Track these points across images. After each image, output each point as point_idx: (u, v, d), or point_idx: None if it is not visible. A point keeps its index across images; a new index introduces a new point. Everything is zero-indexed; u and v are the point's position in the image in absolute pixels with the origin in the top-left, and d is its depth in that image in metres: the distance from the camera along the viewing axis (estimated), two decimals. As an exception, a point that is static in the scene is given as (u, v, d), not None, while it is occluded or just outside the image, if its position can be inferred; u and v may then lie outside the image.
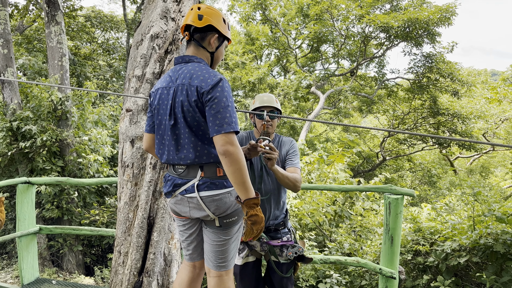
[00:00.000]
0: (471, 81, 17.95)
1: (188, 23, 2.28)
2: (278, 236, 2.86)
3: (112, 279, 3.19)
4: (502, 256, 4.08)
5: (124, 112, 3.37)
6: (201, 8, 2.29)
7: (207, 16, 2.27)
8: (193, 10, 2.29)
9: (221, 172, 2.20)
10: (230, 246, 2.38)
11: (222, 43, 2.38)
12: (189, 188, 2.23)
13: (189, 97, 2.13)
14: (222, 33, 2.34)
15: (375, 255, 5.18)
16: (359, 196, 7.02)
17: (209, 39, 2.31)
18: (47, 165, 7.23)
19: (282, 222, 2.89)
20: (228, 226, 2.30)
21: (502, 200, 5.72)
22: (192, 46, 2.33)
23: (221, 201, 2.22)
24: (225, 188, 2.21)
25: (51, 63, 8.00)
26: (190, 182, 2.22)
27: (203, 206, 2.22)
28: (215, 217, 2.26)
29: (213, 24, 2.28)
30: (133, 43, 3.59)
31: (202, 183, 2.20)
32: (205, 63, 2.29)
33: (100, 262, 7.78)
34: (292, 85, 18.88)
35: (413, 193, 3.46)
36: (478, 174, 22.59)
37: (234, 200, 2.24)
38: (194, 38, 2.31)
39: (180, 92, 2.17)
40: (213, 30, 2.31)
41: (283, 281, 2.89)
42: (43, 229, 4.65)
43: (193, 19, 2.26)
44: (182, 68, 2.26)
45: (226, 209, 2.24)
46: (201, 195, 2.20)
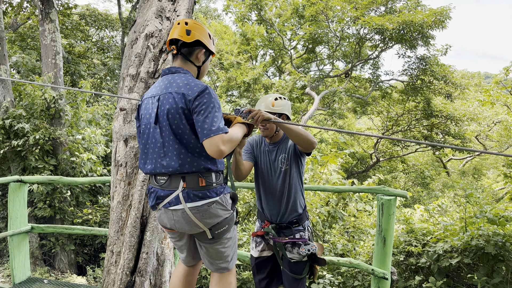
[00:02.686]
0: (465, 83, 18.09)
1: (176, 38, 2.32)
2: (290, 233, 2.86)
3: (104, 279, 3.18)
4: (493, 258, 4.11)
5: (118, 111, 3.36)
6: (189, 23, 2.34)
7: (194, 32, 2.32)
8: (180, 24, 2.34)
9: (203, 182, 2.19)
10: (226, 251, 2.38)
11: (208, 58, 2.44)
12: (172, 201, 2.21)
13: (176, 105, 2.16)
14: (208, 48, 2.40)
15: (367, 256, 5.21)
16: (352, 197, 7.04)
17: (196, 54, 2.37)
18: (40, 164, 7.18)
19: (296, 220, 2.87)
20: (220, 236, 2.30)
21: (493, 202, 5.77)
22: (179, 59, 2.37)
23: (206, 212, 2.21)
24: (208, 198, 2.20)
25: (45, 61, 7.95)
26: (173, 194, 2.21)
27: (192, 218, 2.20)
28: (206, 229, 2.26)
29: (201, 39, 2.34)
30: (127, 42, 3.58)
31: (186, 194, 2.19)
32: (191, 75, 2.33)
33: (93, 262, 7.74)
34: (287, 86, 18.90)
35: (406, 194, 3.48)
36: (470, 176, 22.75)
37: (220, 209, 2.24)
38: (182, 52, 2.35)
39: (166, 101, 2.20)
40: (200, 45, 2.36)
41: (293, 281, 2.86)
42: (35, 228, 4.62)
43: (181, 33, 2.31)
44: (168, 78, 2.30)
45: (214, 219, 2.24)
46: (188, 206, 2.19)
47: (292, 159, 2.86)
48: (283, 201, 2.87)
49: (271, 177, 2.90)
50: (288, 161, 2.86)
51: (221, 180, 2.30)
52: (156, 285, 3.16)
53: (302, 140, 2.58)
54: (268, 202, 2.92)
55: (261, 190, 2.97)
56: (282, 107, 2.91)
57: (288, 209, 2.87)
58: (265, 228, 2.92)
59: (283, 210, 2.87)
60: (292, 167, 2.87)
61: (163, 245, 3.25)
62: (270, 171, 2.91)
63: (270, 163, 2.91)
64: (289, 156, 2.87)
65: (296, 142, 2.62)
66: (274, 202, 2.89)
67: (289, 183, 2.86)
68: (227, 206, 2.28)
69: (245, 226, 6.95)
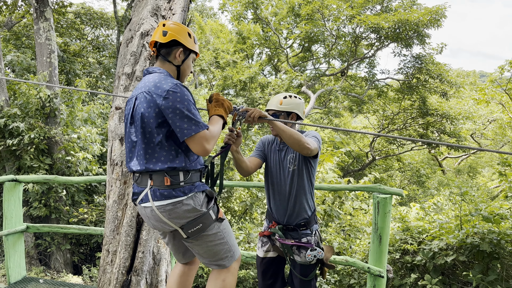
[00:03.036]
0: (460, 82, 18.16)
1: (154, 40, 2.38)
2: (296, 236, 2.82)
3: (100, 278, 3.17)
4: (488, 255, 4.14)
5: (114, 110, 3.35)
6: (166, 24, 2.39)
7: (171, 32, 2.36)
8: (158, 27, 2.39)
9: (169, 181, 2.19)
10: (214, 249, 2.36)
11: (188, 56, 2.44)
12: (143, 198, 2.25)
13: (147, 104, 2.18)
14: (187, 47, 2.41)
15: (363, 254, 5.22)
16: (348, 196, 7.06)
17: (174, 53, 2.39)
18: (35, 163, 7.15)
19: (304, 223, 2.82)
20: (195, 234, 2.28)
21: (489, 200, 5.80)
22: (158, 60, 2.41)
23: (172, 211, 2.21)
24: (174, 198, 2.20)
25: (40, 59, 7.91)
26: (144, 191, 2.25)
27: (161, 216, 2.22)
28: (176, 227, 2.27)
29: (177, 38, 2.36)
30: (123, 41, 3.57)
31: (153, 192, 2.21)
32: (167, 73, 2.34)
33: (89, 261, 7.72)
34: (283, 85, 18.90)
35: (401, 192, 3.49)
36: (465, 174, 22.87)
37: (187, 209, 2.22)
38: (160, 53, 2.39)
39: (139, 100, 2.24)
40: (178, 44, 2.38)
41: (301, 283, 2.84)
42: (31, 227, 4.60)
43: (158, 35, 2.36)
44: (144, 79, 2.34)
45: (182, 219, 2.24)
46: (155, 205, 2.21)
47: (301, 160, 2.82)
48: (290, 202, 2.83)
49: (279, 177, 2.87)
50: (296, 161, 2.82)
51: (192, 179, 2.27)
52: (152, 284, 3.16)
53: (294, 143, 2.56)
54: (276, 202, 2.89)
55: (270, 190, 2.94)
56: (291, 106, 2.88)
57: (295, 210, 2.82)
58: (272, 228, 2.89)
59: (290, 211, 2.83)
60: (301, 168, 2.82)
61: (159, 244, 3.24)
62: (279, 170, 2.88)
63: (279, 163, 2.89)
64: (297, 156, 2.83)
65: (289, 145, 2.59)
66: (281, 202, 2.86)
67: (297, 183, 2.81)
68: (196, 205, 2.24)
69: (242, 225, 6.95)
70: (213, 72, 20.91)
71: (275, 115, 2.90)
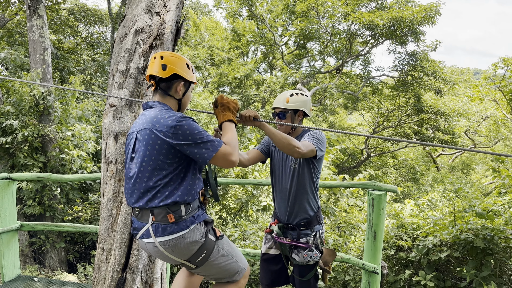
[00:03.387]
0: (454, 79, 18.25)
1: (153, 74, 2.30)
2: (296, 235, 2.80)
3: (95, 276, 3.16)
4: (482, 251, 4.17)
5: (108, 107, 3.34)
6: (164, 56, 2.30)
7: (171, 65, 2.28)
8: (156, 59, 2.30)
9: (173, 218, 2.18)
10: (224, 268, 2.37)
11: (188, 88, 2.39)
12: (144, 233, 2.23)
13: (153, 142, 2.16)
14: (187, 79, 2.35)
15: (358, 250, 5.25)
16: (343, 193, 7.08)
17: (175, 87, 2.33)
18: (29, 161, 7.11)
19: (304, 223, 2.80)
20: (203, 262, 2.29)
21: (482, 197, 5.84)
22: (158, 94, 2.35)
23: (175, 246, 2.20)
24: (176, 232, 2.18)
25: (33, 57, 7.85)
26: (145, 227, 2.23)
27: (164, 252, 2.21)
28: (182, 261, 2.27)
29: (178, 72, 2.30)
30: (117, 38, 3.55)
31: (155, 228, 2.19)
32: (168, 107, 2.30)
33: (83, 259, 7.70)
34: (278, 82, 18.90)
35: (396, 189, 3.51)
36: (459, 171, 23.01)
37: (190, 243, 2.21)
38: (160, 87, 2.32)
39: (142, 136, 2.20)
40: (178, 77, 2.32)
41: (301, 283, 2.85)
42: (25, 225, 4.58)
43: (157, 69, 2.28)
44: (145, 113, 2.29)
45: (186, 253, 2.23)
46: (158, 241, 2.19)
47: (302, 159, 2.78)
48: (290, 200, 2.81)
49: (282, 175, 2.87)
50: (297, 160, 2.79)
51: (192, 210, 2.25)
52: (147, 282, 3.15)
53: (284, 147, 2.51)
54: (278, 200, 2.90)
55: (273, 187, 2.96)
56: (298, 104, 2.84)
57: (295, 209, 2.81)
58: (272, 226, 2.90)
59: (290, 209, 2.82)
60: (302, 167, 2.79)
61: (154, 241, 3.24)
62: (282, 168, 2.88)
63: (282, 161, 2.89)
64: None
65: (280, 148, 2.54)
66: (283, 200, 2.86)
67: (298, 182, 2.79)
68: (198, 237, 2.23)
69: (237, 222, 6.96)
70: (208, 69, 20.86)
71: (282, 113, 2.86)
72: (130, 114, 3.29)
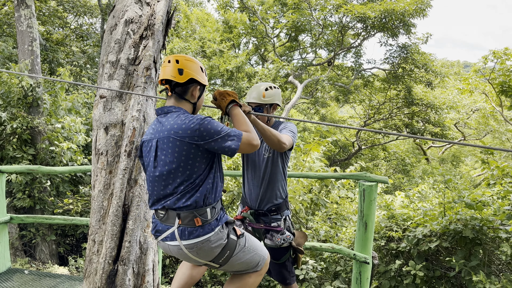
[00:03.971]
0: (444, 72, 18.36)
1: (168, 78, 2.28)
2: (267, 220, 2.91)
3: (86, 268, 3.15)
4: (470, 241, 4.23)
5: (98, 99, 3.30)
6: (180, 60, 2.29)
7: (187, 70, 2.28)
8: (171, 63, 2.28)
9: (200, 221, 2.21)
10: (247, 261, 2.41)
11: (203, 91, 2.42)
12: (169, 236, 2.26)
13: (179, 148, 2.18)
14: (202, 83, 2.37)
15: (349, 241, 5.29)
16: (335, 185, 7.11)
17: (191, 91, 2.34)
18: (18, 153, 7.03)
19: (274, 209, 2.92)
20: (226, 261, 2.33)
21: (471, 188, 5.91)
22: (173, 98, 2.35)
23: (201, 249, 2.24)
24: (202, 235, 2.22)
25: (21, 48, 7.73)
26: (170, 229, 2.25)
27: (189, 254, 2.26)
28: (206, 262, 2.32)
29: (194, 77, 2.30)
30: (106, 28, 3.50)
31: (181, 232, 2.22)
32: (184, 111, 2.31)
33: (75, 252, 7.66)
34: (270, 74, 18.84)
35: (387, 180, 3.53)
36: (449, 163, 23.24)
37: (214, 245, 2.25)
38: (175, 91, 2.32)
39: (165, 144, 2.21)
40: (194, 81, 2.33)
41: (276, 267, 2.97)
42: (14, 218, 4.54)
43: (173, 74, 2.27)
44: (163, 120, 2.29)
45: (211, 255, 2.27)
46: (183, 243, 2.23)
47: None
48: (262, 188, 2.92)
49: (255, 163, 2.95)
50: (271, 149, 2.89)
51: (217, 213, 2.30)
52: (139, 273, 3.15)
53: (273, 142, 2.63)
54: (250, 187, 2.99)
55: (245, 175, 3.03)
56: (273, 97, 2.95)
57: (267, 196, 2.92)
58: (244, 213, 3.00)
59: (262, 196, 2.92)
60: (276, 156, 2.91)
61: (146, 233, 3.23)
62: (255, 157, 2.96)
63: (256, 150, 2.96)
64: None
65: (268, 143, 2.65)
66: (255, 188, 2.95)
67: (271, 170, 2.91)
68: (221, 239, 2.28)
69: (229, 214, 6.97)
70: (200, 61, 20.71)
71: (258, 108, 2.94)
72: (120, 106, 3.26)
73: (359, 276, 3.53)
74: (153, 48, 3.37)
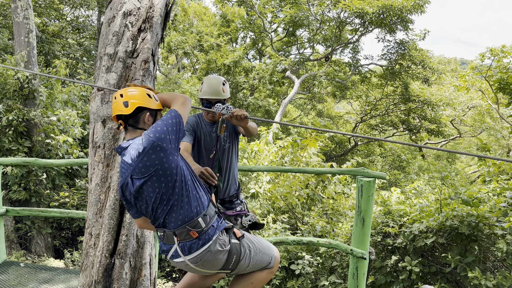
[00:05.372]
0: (441, 69, 18.38)
1: (118, 114, 2.32)
2: (232, 207, 3.08)
3: (83, 261, 3.14)
4: (466, 238, 4.25)
5: (96, 91, 3.27)
6: (124, 94, 2.33)
7: (132, 100, 2.31)
8: (116, 99, 2.34)
9: (196, 233, 2.24)
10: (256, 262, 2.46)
11: (156, 117, 2.43)
12: (174, 253, 2.32)
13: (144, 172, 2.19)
14: (152, 108, 2.38)
15: (346, 237, 5.30)
16: (331, 180, 7.13)
17: (142, 119, 2.36)
18: (14, 146, 6.98)
19: (235, 195, 3.11)
20: (236, 265, 2.37)
21: (468, 184, 5.94)
22: (129, 131, 2.37)
23: (205, 261, 2.28)
24: (202, 246, 2.25)
25: (17, 39, 7.66)
26: (172, 248, 2.31)
27: (197, 268, 2.31)
28: (216, 271, 2.37)
29: (141, 105, 2.32)
30: (104, 20, 3.47)
31: (181, 248, 2.27)
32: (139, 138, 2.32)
33: (70, 245, 7.64)
34: (268, 69, 18.79)
35: (385, 175, 3.54)
36: (445, 160, 23.34)
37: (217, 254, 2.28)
38: (129, 124, 2.35)
39: (136, 175, 2.22)
40: (143, 109, 2.35)
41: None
42: (10, 211, 4.52)
43: (120, 108, 2.31)
44: (124, 159, 2.30)
45: (215, 263, 2.31)
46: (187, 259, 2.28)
47: (233, 137, 3.09)
48: (226, 177, 3.06)
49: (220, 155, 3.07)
50: (229, 138, 3.06)
51: (210, 218, 2.31)
52: (136, 267, 3.14)
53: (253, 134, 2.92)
54: None
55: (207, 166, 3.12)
56: (227, 91, 3.09)
57: (229, 183, 3.08)
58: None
59: (225, 184, 3.06)
60: (232, 145, 3.09)
61: (143, 227, 3.22)
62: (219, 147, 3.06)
63: (214, 141, 3.05)
64: (231, 134, 3.08)
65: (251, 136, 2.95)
66: (222, 178, 3.05)
67: (231, 159, 3.08)
68: (222, 246, 2.29)
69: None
70: (197, 55, 20.63)
71: (220, 102, 3.00)
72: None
73: (355, 271, 3.54)
74: (152, 41, 3.34)
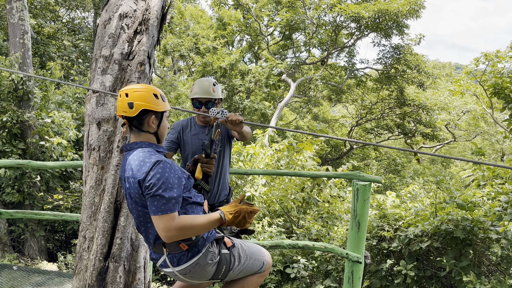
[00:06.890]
0: (436, 73, 18.50)
1: (121, 114, 2.22)
2: None
3: (76, 265, 3.11)
4: (461, 242, 4.26)
5: (91, 93, 3.25)
6: (129, 94, 2.20)
7: (137, 102, 2.18)
8: (121, 97, 2.21)
9: (185, 246, 2.20)
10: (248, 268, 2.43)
11: (162, 119, 2.30)
12: (163, 263, 2.29)
13: (133, 187, 2.15)
14: (158, 111, 2.25)
15: (341, 240, 5.30)
16: (327, 184, 7.13)
17: (147, 122, 2.24)
18: (7, 147, 6.93)
19: (226, 200, 3.06)
20: (226, 275, 2.34)
21: (463, 188, 5.95)
22: (133, 133, 2.28)
23: (195, 273, 2.26)
24: (191, 258, 2.22)
25: (12, 40, 7.62)
26: (161, 258, 2.28)
27: (186, 279, 2.29)
28: (207, 281, 2.36)
29: (146, 107, 2.19)
30: (100, 22, 3.45)
31: (170, 259, 2.24)
32: (147, 144, 2.25)
33: (64, 248, 7.59)
34: (264, 72, 18.82)
35: (381, 179, 3.54)
36: (439, 164, 23.43)
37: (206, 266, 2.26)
38: (133, 125, 2.25)
39: (128, 183, 2.19)
40: (148, 112, 2.22)
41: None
42: (3, 213, 4.47)
43: (125, 109, 2.19)
44: (127, 157, 2.25)
45: (205, 274, 2.28)
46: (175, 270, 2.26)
47: (225, 140, 3.02)
48: (217, 181, 3.00)
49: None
50: (221, 143, 2.99)
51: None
52: (130, 270, 3.11)
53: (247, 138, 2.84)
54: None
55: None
56: (219, 92, 3.05)
57: (220, 188, 3.02)
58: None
59: (216, 189, 3.00)
60: (225, 149, 3.01)
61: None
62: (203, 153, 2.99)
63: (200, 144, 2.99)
64: (223, 138, 3.01)
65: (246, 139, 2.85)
66: (211, 182, 2.96)
67: (223, 163, 3.01)
68: (212, 258, 2.26)
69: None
70: (193, 58, 20.63)
71: (211, 102, 2.99)
72: (113, 101, 3.22)
73: (351, 275, 3.53)
74: (148, 43, 3.33)
